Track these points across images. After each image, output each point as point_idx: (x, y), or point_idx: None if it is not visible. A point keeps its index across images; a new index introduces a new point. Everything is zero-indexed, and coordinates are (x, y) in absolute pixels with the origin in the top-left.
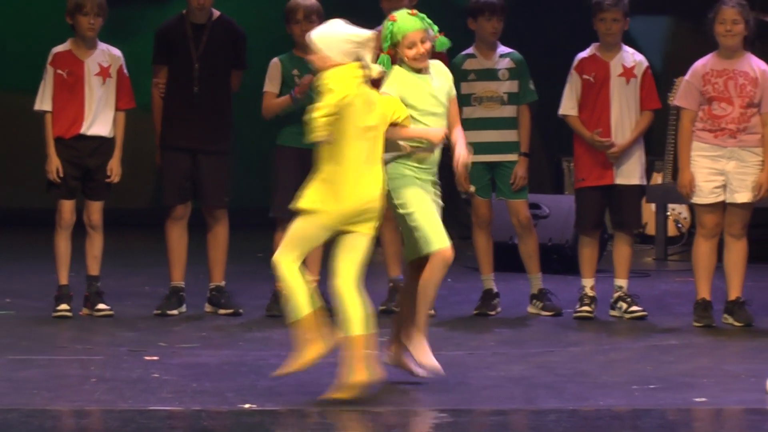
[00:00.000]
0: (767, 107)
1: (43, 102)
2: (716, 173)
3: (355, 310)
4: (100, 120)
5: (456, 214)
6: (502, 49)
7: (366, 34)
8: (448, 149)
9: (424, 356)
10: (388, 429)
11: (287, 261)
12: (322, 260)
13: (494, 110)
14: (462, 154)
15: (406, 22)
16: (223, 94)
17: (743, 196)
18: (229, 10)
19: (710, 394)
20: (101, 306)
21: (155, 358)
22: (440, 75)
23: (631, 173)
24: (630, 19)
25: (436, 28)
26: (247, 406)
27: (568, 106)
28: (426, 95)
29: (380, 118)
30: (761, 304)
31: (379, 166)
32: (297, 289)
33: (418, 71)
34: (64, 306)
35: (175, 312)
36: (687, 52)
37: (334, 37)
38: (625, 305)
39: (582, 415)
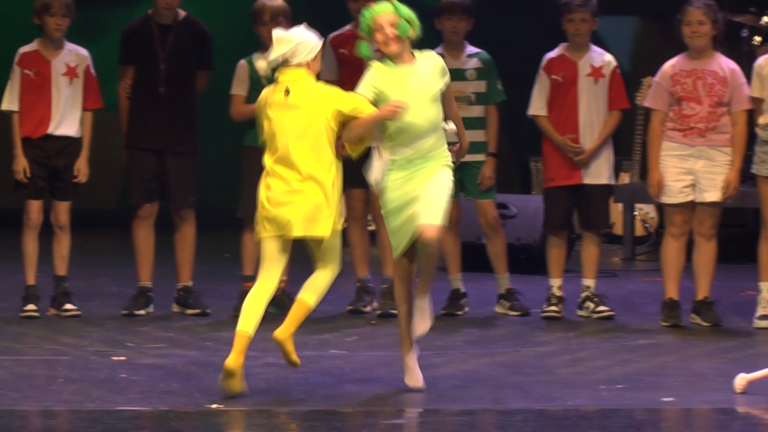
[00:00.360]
0: (737, 106)
1: (11, 102)
2: (685, 172)
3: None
4: (68, 120)
5: None
6: (470, 49)
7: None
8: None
9: (407, 377)
10: (356, 429)
11: (259, 278)
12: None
13: (462, 110)
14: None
15: (377, 6)
16: (189, 94)
17: (712, 195)
18: (196, 10)
19: (678, 394)
20: (69, 306)
21: (123, 358)
22: (429, 65)
23: (599, 173)
24: (599, 19)
25: (406, 21)
26: (214, 406)
27: (537, 106)
28: (406, 89)
29: (308, 117)
30: (728, 304)
31: (313, 162)
32: (246, 305)
33: (397, 62)
34: (31, 306)
35: (142, 312)
36: (655, 52)
37: None
38: (592, 305)
39: (549, 415)
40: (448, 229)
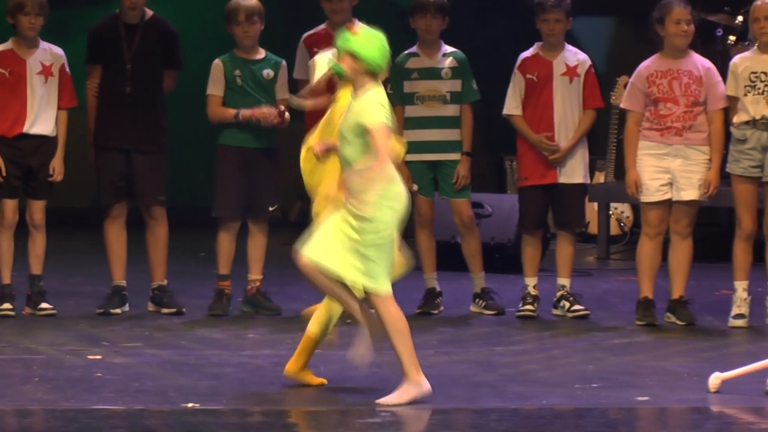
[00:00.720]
0: (713, 105)
1: None
2: (662, 171)
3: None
4: (43, 119)
5: None
6: (446, 48)
7: None
8: None
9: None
10: (331, 428)
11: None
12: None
13: (436, 109)
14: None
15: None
16: (156, 93)
17: (689, 194)
18: (170, 10)
19: (652, 393)
20: (44, 305)
21: (98, 357)
22: (357, 105)
23: (574, 172)
24: (573, 19)
25: (351, 55)
26: (189, 405)
27: (512, 105)
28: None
29: None
30: (703, 304)
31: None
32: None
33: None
34: (6, 305)
35: (117, 311)
36: (629, 52)
37: None
38: (567, 304)
39: (524, 414)
40: (423, 228)
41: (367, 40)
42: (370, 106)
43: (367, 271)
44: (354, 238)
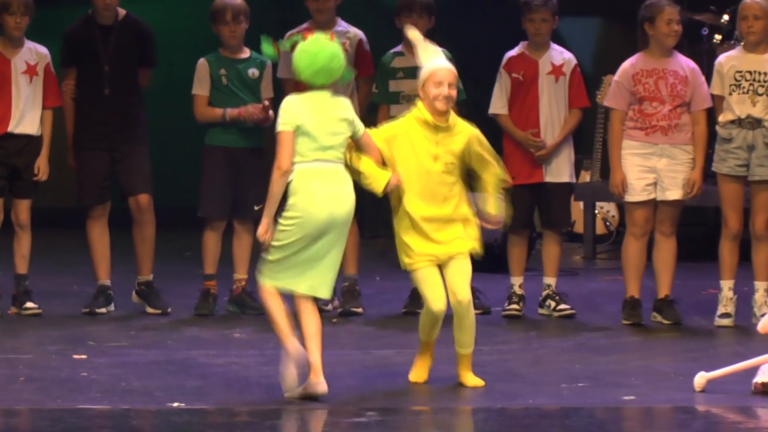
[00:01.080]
0: (698, 105)
1: None
2: (647, 171)
3: None
4: (28, 118)
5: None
6: None
7: None
8: None
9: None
10: (318, 428)
11: None
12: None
13: None
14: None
15: None
16: (134, 93)
17: (674, 194)
18: (154, 10)
19: (639, 393)
20: (29, 305)
21: (84, 357)
22: None
23: (560, 171)
24: (559, 18)
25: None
26: (175, 404)
27: (498, 105)
28: None
29: None
30: (689, 303)
31: None
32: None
33: None
34: None
35: (103, 310)
36: (615, 52)
37: None
38: (553, 303)
39: (510, 413)
40: None
41: (302, 51)
42: (279, 112)
43: (262, 264)
44: None
